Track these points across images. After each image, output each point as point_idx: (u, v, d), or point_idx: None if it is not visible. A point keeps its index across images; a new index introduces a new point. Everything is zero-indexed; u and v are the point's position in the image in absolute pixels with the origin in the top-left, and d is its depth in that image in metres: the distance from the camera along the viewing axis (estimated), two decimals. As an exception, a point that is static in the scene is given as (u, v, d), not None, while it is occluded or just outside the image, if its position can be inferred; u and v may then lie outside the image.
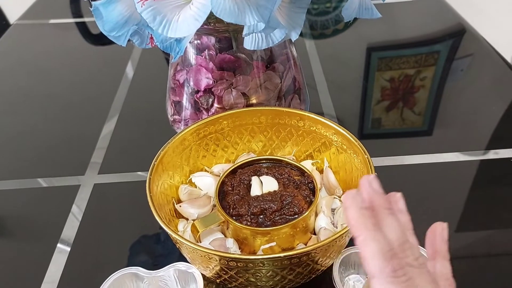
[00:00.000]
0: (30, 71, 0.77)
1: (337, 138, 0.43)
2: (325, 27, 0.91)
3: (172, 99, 0.50)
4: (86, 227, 0.47)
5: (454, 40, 0.82)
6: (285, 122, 0.46)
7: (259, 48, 0.36)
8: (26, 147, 0.59)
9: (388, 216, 0.26)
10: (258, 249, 0.38)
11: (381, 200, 0.26)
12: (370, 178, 0.27)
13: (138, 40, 0.43)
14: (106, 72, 0.75)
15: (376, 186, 0.27)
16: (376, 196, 0.26)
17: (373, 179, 0.27)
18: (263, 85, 0.47)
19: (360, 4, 0.37)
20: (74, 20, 0.93)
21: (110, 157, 0.56)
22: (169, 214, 0.41)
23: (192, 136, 0.44)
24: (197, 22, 0.33)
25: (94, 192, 0.51)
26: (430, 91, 0.69)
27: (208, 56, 0.46)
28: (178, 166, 0.43)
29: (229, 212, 0.38)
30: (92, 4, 0.39)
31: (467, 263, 0.43)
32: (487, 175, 0.53)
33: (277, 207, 0.38)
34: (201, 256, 0.33)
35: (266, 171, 0.42)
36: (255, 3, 0.33)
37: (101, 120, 0.63)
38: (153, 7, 0.34)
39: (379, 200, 0.26)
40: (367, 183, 0.27)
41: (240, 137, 0.47)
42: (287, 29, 0.36)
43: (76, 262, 0.44)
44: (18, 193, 0.52)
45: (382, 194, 0.27)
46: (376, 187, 0.27)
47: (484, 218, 0.47)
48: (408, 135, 0.62)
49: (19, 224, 0.49)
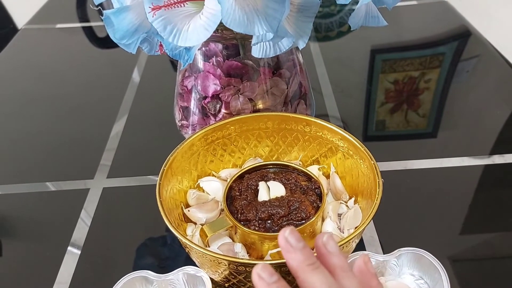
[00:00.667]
0: (38, 75, 0.78)
1: (343, 143, 0.44)
2: (329, 30, 0.91)
3: (180, 104, 0.51)
4: (96, 231, 0.48)
5: (459, 42, 0.82)
6: (291, 128, 0.47)
7: (267, 56, 0.37)
8: (34, 151, 0.60)
9: (313, 271, 0.27)
10: (266, 254, 0.38)
11: (301, 257, 0.28)
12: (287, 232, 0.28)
13: (148, 47, 0.44)
14: (113, 76, 0.76)
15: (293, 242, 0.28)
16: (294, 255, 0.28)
17: (289, 234, 0.28)
18: (270, 91, 0.48)
19: (367, 12, 0.38)
20: (81, 25, 0.94)
21: (118, 161, 0.57)
22: (178, 218, 0.41)
23: (200, 142, 0.45)
24: (207, 31, 0.34)
25: (103, 195, 0.52)
26: (435, 93, 0.70)
27: (216, 62, 0.46)
28: (186, 171, 0.44)
29: (237, 217, 0.39)
30: (103, 13, 0.40)
31: (471, 266, 0.43)
32: (493, 179, 0.53)
33: (284, 212, 0.38)
34: (211, 261, 0.34)
35: (273, 177, 0.42)
36: (264, 13, 0.33)
37: (109, 123, 0.64)
38: (164, 17, 0.35)
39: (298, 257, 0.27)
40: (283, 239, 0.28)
41: (247, 142, 0.48)
42: (294, 38, 0.36)
43: (86, 264, 0.45)
44: (27, 197, 0.53)
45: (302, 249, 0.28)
46: (294, 243, 0.28)
47: (491, 223, 0.47)
48: (412, 137, 0.63)
49: (29, 228, 0.49)
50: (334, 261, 0.29)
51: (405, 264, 0.41)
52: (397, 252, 0.40)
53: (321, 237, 0.29)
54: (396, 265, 0.40)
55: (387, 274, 0.41)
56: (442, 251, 0.44)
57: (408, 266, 0.41)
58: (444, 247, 0.45)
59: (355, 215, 0.41)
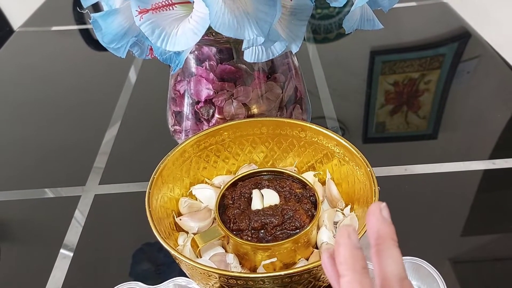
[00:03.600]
0: (32, 78, 0.77)
1: (339, 149, 0.43)
2: (328, 31, 0.90)
3: (173, 109, 0.49)
4: (87, 237, 0.47)
5: (460, 43, 0.81)
6: (286, 133, 0.46)
7: (260, 60, 0.36)
8: (27, 155, 0.59)
9: (394, 248, 0.25)
10: (259, 265, 0.37)
11: (389, 229, 0.26)
12: (382, 205, 0.26)
13: (138, 51, 0.43)
14: (109, 78, 0.75)
15: (386, 215, 0.26)
16: (384, 225, 0.26)
17: (384, 207, 0.26)
18: (264, 95, 0.46)
19: (362, 15, 0.36)
20: (77, 27, 0.93)
21: (111, 167, 0.56)
22: (169, 227, 0.40)
23: (192, 148, 0.44)
24: (196, 36, 0.33)
25: (95, 202, 0.51)
26: (435, 94, 0.69)
27: (209, 66, 0.45)
28: (178, 178, 0.43)
29: (229, 227, 0.38)
30: (91, 16, 0.39)
31: (470, 275, 0.42)
32: (494, 184, 0.52)
33: (278, 221, 0.37)
34: (201, 274, 0.33)
35: (267, 184, 0.41)
36: (254, 17, 0.32)
37: (104, 126, 0.63)
38: (152, 20, 0.34)
39: (386, 229, 0.26)
40: (378, 210, 0.26)
41: (241, 148, 0.47)
42: (287, 42, 0.35)
43: (78, 271, 0.44)
44: (17, 204, 0.52)
45: (391, 223, 0.26)
46: (386, 216, 0.26)
47: (491, 231, 0.46)
48: (412, 138, 0.62)
49: (19, 235, 0.48)
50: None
51: (403, 274, 0.39)
52: (395, 261, 0.39)
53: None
54: (394, 275, 0.39)
55: (385, 284, 0.39)
56: (441, 260, 0.43)
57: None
58: (443, 256, 0.44)
59: (351, 223, 0.40)
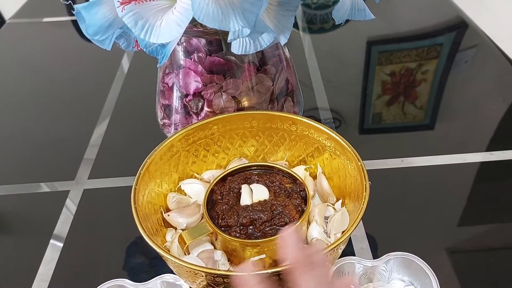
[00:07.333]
0: (24, 70, 0.76)
1: (330, 143, 0.42)
2: (324, 21, 0.89)
3: (162, 102, 0.48)
4: (77, 231, 0.46)
5: (457, 33, 0.80)
6: (277, 127, 0.45)
7: (247, 52, 0.35)
8: (17, 149, 0.58)
9: (310, 271, 0.27)
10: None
11: (301, 255, 0.28)
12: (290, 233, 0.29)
13: (124, 43, 0.42)
14: (101, 70, 0.74)
15: (295, 241, 0.29)
16: (296, 253, 0.28)
17: (291, 234, 0.29)
18: (255, 88, 0.45)
19: (352, 5, 0.35)
20: (69, 18, 0.91)
21: (101, 161, 0.55)
22: (156, 223, 0.39)
23: (181, 142, 0.43)
24: (180, 27, 0.32)
25: (84, 197, 0.50)
26: (432, 84, 0.68)
27: (197, 58, 0.44)
28: (166, 173, 0.42)
29: (218, 223, 0.37)
30: (74, 8, 0.38)
31: (462, 271, 0.41)
32: (492, 176, 0.51)
33: (267, 217, 0.37)
34: (187, 272, 0.32)
35: (256, 179, 0.40)
36: (240, 7, 0.31)
37: (94, 119, 0.62)
38: (134, 12, 0.33)
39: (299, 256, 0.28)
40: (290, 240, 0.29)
41: (231, 142, 0.46)
42: (275, 33, 0.34)
43: (67, 268, 0.43)
44: (4, 199, 0.51)
45: (301, 248, 0.28)
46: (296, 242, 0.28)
47: (485, 226, 0.46)
48: (409, 129, 0.61)
49: (7, 230, 0.48)
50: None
51: (394, 270, 0.39)
52: (386, 257, 0.38)
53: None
54: (385, 270, 0.39)
55: (376, 280, 0.39)
56: (435, 254, 0.42)
57: (397, 271, 0.39)
58: (438, 249, 0.43)
59: (342, 218, 0.39)
